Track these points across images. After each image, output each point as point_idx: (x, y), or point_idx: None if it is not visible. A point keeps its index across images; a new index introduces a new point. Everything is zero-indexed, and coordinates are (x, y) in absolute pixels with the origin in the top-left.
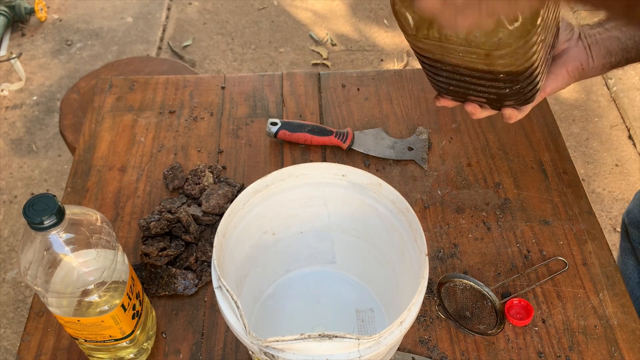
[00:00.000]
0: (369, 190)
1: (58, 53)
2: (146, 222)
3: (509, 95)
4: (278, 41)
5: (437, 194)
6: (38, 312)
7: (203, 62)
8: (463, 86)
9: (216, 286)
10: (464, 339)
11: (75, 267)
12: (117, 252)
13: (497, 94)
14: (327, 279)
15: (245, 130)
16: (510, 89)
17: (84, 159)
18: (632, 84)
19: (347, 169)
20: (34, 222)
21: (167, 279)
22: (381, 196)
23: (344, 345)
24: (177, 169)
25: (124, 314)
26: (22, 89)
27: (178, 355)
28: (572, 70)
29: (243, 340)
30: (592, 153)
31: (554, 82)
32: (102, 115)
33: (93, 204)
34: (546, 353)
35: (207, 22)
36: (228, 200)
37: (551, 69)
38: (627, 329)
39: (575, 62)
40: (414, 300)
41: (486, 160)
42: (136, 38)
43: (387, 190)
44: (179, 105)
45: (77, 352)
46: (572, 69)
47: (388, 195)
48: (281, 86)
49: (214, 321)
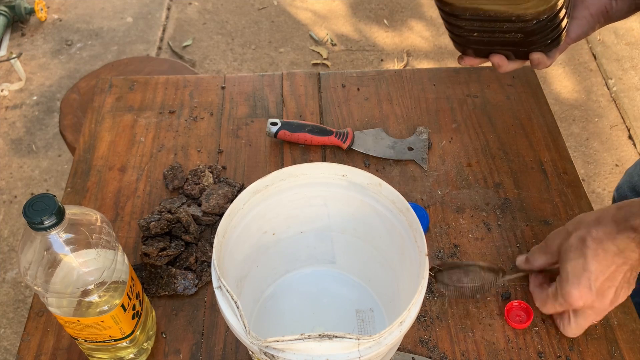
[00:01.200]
0: (369, 190)
1: (58, 53)
2: (146, 222)
3: (534, 40)
4: (278, 41)
5: (437, 194)
6: (38, 312)
7: (203, 62)
8: (488, 33)
9: (216, 286)
10: (464, 339)
11: (75, 267)
12: (117, 252)
13: (522, 39)
14: (327, 279)
15: (245, 130)
16: (535, 33)
17: (83, 159)
18: (632, 84)
19: (347, 169)
20: (34, 222)
21: (167, 279)
22: (381, 196)
23: (344, 345)
24: (177, 169)
25: (123, 314)
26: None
27: (178, 355)
28: (596, 13)
29: (243, 340)
30: (592, 153)
31: (578, 27)
32: (102, 115)
33: (93, 204)
34: (546, 353)
35: (207, 22)
36: (228, 200)
37: (574, 13)
38: (627, 329)
39: (598, 4)
40: (414, 301)
41: (486, 161)
42: (136, 38)
43: (387, 190)
44: (179, 105)
45: (77, 352)
46: (595, 12)
47: (388, 196)
48: (281, 86)
49: (214, 321)
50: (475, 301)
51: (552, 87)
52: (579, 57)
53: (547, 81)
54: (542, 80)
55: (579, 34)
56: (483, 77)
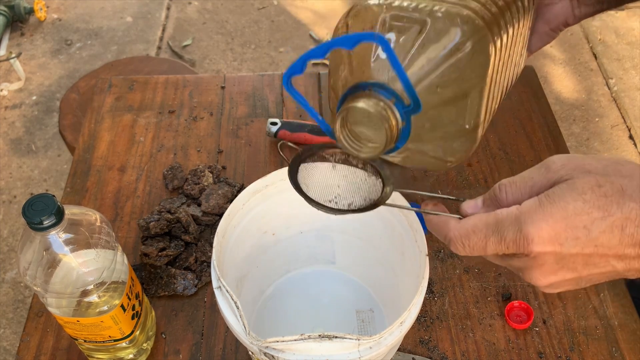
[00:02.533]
0: None
1: (57, 53)
2: (146, 222)
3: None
4: (278, 41)
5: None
6: (37, 313)
7: (203, 62)
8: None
9: (216, 286)
10: (465, 339)
11: (74, 267)
12: (117, 252)
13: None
14: (327, 279)
15: (245, 130)
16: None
17: (83, 159)
18: (632, 83)
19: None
20: (34, 222)
21: (167, 279)
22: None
23: (344, 345)
24: (176, 169)
25: (123, 315)
26: (22, 88)
27: (178, 355)
28: (556, 27)
29: (243, 340)
30: (592, 153)
31: (539, 41)
32: (102, 115)
33: (92, 204)
34: (547, 354)
35: (206, 21)
36: (228, 200)
37: (535, 27)
38: (627, 330)
39: (558, 19)
40: (414, 301)
41: (487, 160)
42: (136, 38)
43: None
44: (178, 105)
45: (77, 353)
46: (555, 26)
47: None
48: (281, 86)
49: (214, 321)
50: (476, 302)
51: (552, 87)
52: (579, 57)
53: (548, 81)
54: (542, 80)
55: (539, 47)
56: None
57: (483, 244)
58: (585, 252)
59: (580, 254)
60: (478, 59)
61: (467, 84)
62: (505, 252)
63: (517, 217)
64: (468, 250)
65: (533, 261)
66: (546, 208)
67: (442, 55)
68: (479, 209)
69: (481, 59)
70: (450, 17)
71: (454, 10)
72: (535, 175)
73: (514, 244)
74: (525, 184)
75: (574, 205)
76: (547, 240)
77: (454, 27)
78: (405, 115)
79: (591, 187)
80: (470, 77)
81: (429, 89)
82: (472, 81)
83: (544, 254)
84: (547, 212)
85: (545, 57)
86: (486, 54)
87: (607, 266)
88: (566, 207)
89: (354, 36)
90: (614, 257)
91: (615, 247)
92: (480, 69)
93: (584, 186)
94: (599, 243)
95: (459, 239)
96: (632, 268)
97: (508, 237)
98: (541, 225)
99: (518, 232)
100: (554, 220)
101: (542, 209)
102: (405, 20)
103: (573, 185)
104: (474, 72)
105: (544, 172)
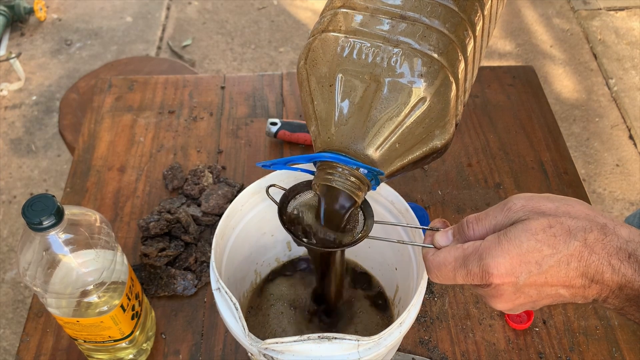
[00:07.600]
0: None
1: (57, 53)
2: (145, 222)
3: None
4: (278, 41)
5: (438, 195)
6: (37, 313)
7: (203, 62)
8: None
9: (215, 288)
10: (465, 339)
11: (74, 268)
12: (117, 253)
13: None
14: None
15: (245, 130)
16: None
17: (83, 159)
18: (633, 83)
19: None
20: (33, 222)
21: (167, 280)
22: (380, 197)
23: (343, 346)
24: (176, 169)
25: (123, 315)
26: (22, 88)
27: (177, 356)
28: None
29: (242, 342)
30: (592, 153)
31: None
32: (102, 115)
33: (92, 204)
34: (547, 354)
35: (206, 21)
36: (227, 200)
37: None
38: (627, 330)
39: None
40: (414, 301)
41: (487, 161)
42: (135, 38)
43: (385, 191)
44: (178, 105)
45: (77, 353)
46: None
47: (387, 196)
48: (281, 86)
49: (214, 322)
50: (476, 302)
51: (552, 87)
52: (579, 57)
53: (548, 81)
54: (542, 80)
55: None
56: (483, 77)
57: (452, 275)
58: (538, 282)
59: (534, 284)
60: (438, 106)
61: (433, 125)
62: (472, 282)
63: (480, 253)
64: (440, 279)
65: (494, 290)
66: (504, 245)
67: (402, 114)
68: (450, 241)
69: (442, 104)
70: (409, 66)
71: (412, 57)
72: (498, 214)
73: (477, 276)
74: (489, 222)
75: (528, 244)
76: (505, 273)
77: (413, 80)
78: (373, 175)
79: (543, 229)
80: (434, 119)
81: (391, 147)
82: (436, 122)
83: (502, 285)
84: (505, 249)
85: (545, 57)
86: (447, 99)
87: (556, 294)
88: (521, 245)
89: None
90: (562, 287)
91: (562, 278)
92: (442, 111)
93: (537, 227)
94: (549, 275)
95: (432, 269)
96: (578, 294)
97: (473, 270)
98: (499, 261)
99: (480, 266)
100: (510, 257)
101: (501, 246)
102: (360, 78)
103: (529, 225)
104: (436, 114)
105: (506, 212)
